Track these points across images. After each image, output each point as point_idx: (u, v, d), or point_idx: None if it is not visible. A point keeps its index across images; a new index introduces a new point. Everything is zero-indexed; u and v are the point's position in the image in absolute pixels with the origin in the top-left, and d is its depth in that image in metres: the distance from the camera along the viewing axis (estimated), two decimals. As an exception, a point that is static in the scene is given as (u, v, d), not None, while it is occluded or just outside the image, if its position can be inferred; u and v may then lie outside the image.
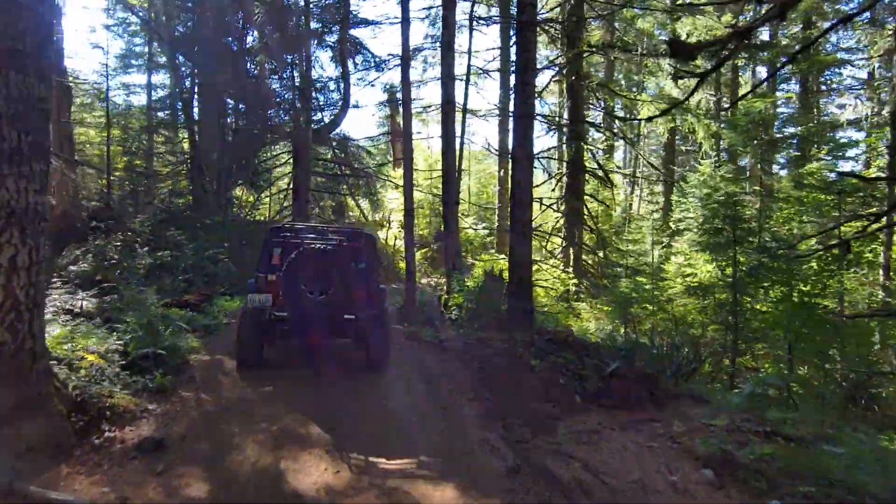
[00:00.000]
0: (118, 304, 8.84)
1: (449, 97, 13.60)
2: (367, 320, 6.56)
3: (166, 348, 6.16)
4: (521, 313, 9.46)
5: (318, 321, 6.38)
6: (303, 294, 6.29)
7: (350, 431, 5.06)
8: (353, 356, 7.48)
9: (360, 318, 6.46)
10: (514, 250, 9.70)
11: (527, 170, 9.75)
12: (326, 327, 6.52)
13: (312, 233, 7.22)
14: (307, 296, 6.31)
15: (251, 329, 6.45)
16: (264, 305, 6.43)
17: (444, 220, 13.84)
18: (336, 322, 6.41)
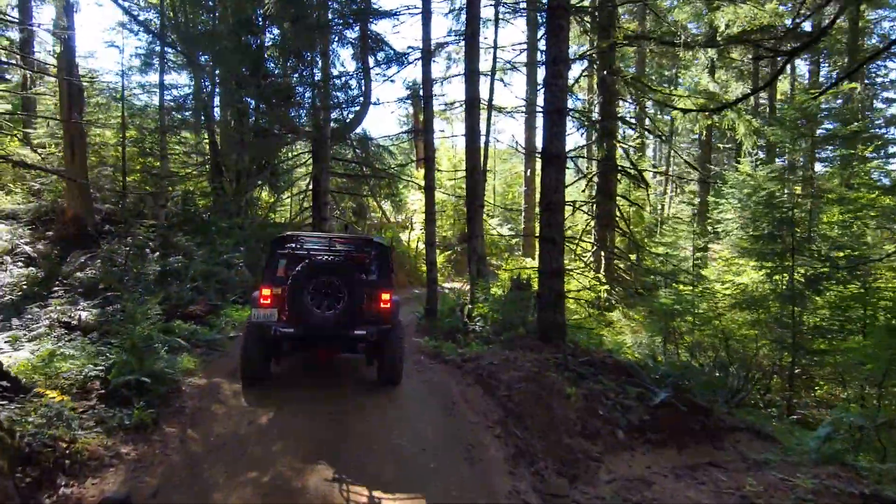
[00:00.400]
0: (118, 315, 8.21)
1: (474, 93, 12.71)
2: (379, 336, 6.05)
3: (153, 374, 5.42)
4: (551, 328, 8.53)
5: (327, 338, 5.97)
6: (310, 309, 5.81)
7: (355, 476, 4.24)
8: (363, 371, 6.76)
9: (372, 335, 5.95)
10: (544, 258, 8.76)
11: (558, 170, 8.81)
12: (335, 344, 6.16)
13: (320, 243, 6.76)
14: (315, 311, 5.83)
15: (256, 344, 6.01)
16: (269, 320, 5.95)
17: (468, 223, 12.96)
18: (346, 339, 5.95)
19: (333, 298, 5.93)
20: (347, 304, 5.86)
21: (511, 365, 7.11)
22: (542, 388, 6.39)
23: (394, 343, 6.31)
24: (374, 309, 6.24)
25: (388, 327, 6.21)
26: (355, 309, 5.89)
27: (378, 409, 5.76)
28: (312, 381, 6.53)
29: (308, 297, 5.86)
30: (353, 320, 5.89)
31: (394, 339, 6.30)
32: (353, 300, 5.87)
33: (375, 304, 6.26)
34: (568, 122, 18.60)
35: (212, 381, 6.29)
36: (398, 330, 6.43)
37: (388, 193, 18.56)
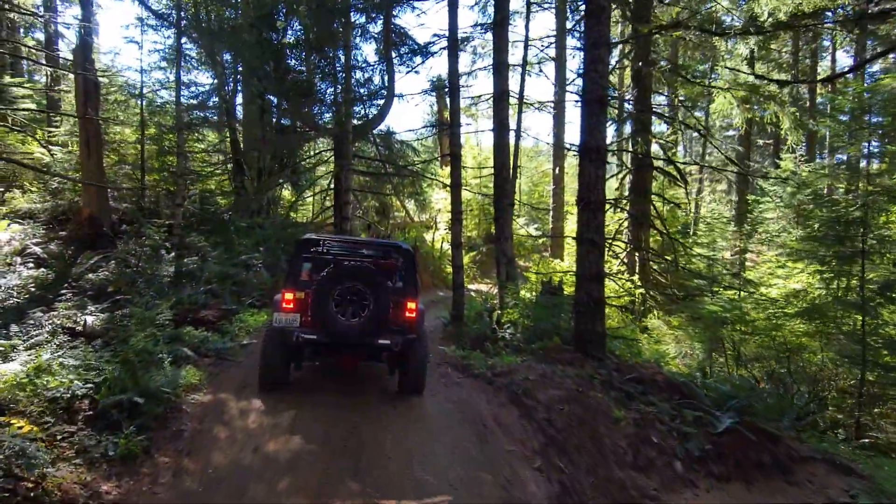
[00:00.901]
0: (125, 321, 7.65)
1: (502, 86, 11.92)
2: (404, 346, 5.76)
3: (147, 392, 4.78)
4: (590, 338, 7.70)
5: (351, 346, 5.70)
6: (334, 316, 5.57)
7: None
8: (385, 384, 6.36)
9: (397, 344, 5.66)
10: (582, 261, 7.94)
11: (598, 165, 7.97)
12: (359, 352, 5.94)
13: (345, 247, 6.61)
14: (339, 318, 5.58)
15: (276, 350, 5.76)
16: (291, 325, 5.68)
17: (496, 223, 12.17)
18: (370, 347, 5.69)
19: (359, 306, 5.68)
20: (373, 313, 5.61)
21: (549, 381, 6.32)
22: (586, 410, 5.59)
23: (418, 353, 6.00)
24: (400, 318, 5.92)
25: (413, 337, 5.87)
26: (381, 317, 5.62)
27: (400, 435, 5.04)
28: (328, 400, 5.82)
29: (333, 304, 5.61)
30: (378, 329, 5.62)
31: (418, 349, 5.99)
32: (379, 308, 5.61)
33: (401, 312, 5.94)
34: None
35: (217, 398, 5.63)
36: (423, 340, 6.11)
37: (411, 192, 17.87)
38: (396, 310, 5.90)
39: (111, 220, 11.88)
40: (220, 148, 19.10)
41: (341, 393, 6.08)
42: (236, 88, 19.43)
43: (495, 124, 12.11)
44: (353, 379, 6.68)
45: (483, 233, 22.21)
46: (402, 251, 6.53)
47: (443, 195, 21.31)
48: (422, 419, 5.47)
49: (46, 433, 4.00)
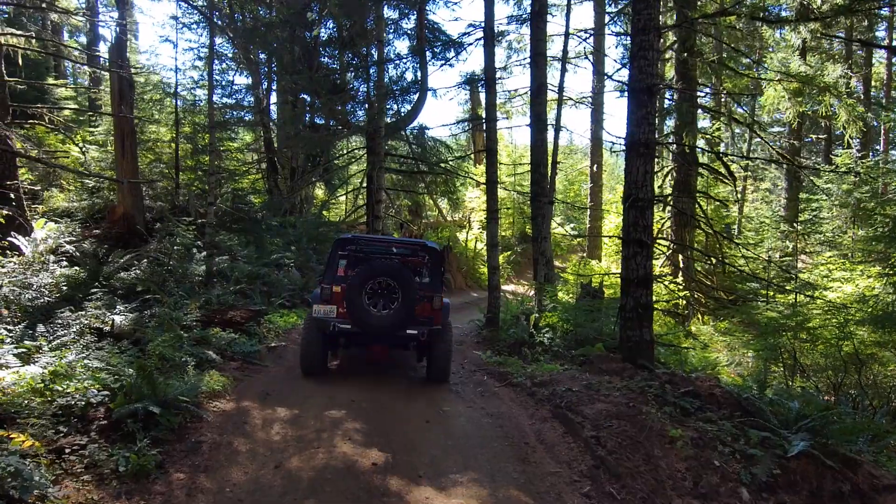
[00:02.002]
0: (152, 321, 7.44)
1: (541, 78, 11.36)
2: (430, 336, 6.31)
3: (165, 402, 4.45)
4: (637, 346, 7.12)
5: (381, 336, 6.26)
6: (367, 308, 6.11)
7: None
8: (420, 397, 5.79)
9: (423, 334, 6.22)
10: (628, 263, 7.35)
11: (646, 160, 7.37)
12: (388, 341, 6.48)
13: (378, 245, 7.03)
14: (371, 310, 6.12)
15: (315, 338, 6.34)
16: (328, 316, 6.25)
17: (533, 222, 11.63)
18: (399, 337, 6.26)
19: (388, 299, 6.19)
20: (402, 305, 6.09)
21: (595, 394, 5.78)
22: (638, 427, 5.03)
23: (443, 343, 6.49)
24: (426, 310, 6.40)
25: (438, 328, 6.37)
26: (409, 309, 6.10)
27: (435, 456, 4.58)
28: (356, 412, 5.42)
29: (365, 297, 6.12)
30: (406, 320, 6.12)
31: (443, 339, 6.48)
32: (406, 301, 6.09)
33: (427, 305, 6.42)
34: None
35: (240, 406, 5.29)
36: (447, 331, 6.58)
37: (444, 190, 17.42)
38: (423, 303, 6.36)
39: (145, 219, 11.81)
40: (254, 147, 19.09)
41: (372, 404, 5.68)
42: (270, 88, 19.41)
43: (532, 119, 11.57)
44: (385, 389, 6.28)
45: (518, 232, 21.64)
46: (429, 249, 6.94)
47: (476, 193, 20.82)
48: (458, 436, 5.01)
49: (55, 445, 3.70)
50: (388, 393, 6.10)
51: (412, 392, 6.21)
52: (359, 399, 5.74)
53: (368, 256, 6.62)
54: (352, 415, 5.27)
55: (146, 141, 13.65)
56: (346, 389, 6.09)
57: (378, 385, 6.38)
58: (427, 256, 6.89)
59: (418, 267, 6.88)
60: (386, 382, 6.53)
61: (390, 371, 7.09)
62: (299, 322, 9.23)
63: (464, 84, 10.31)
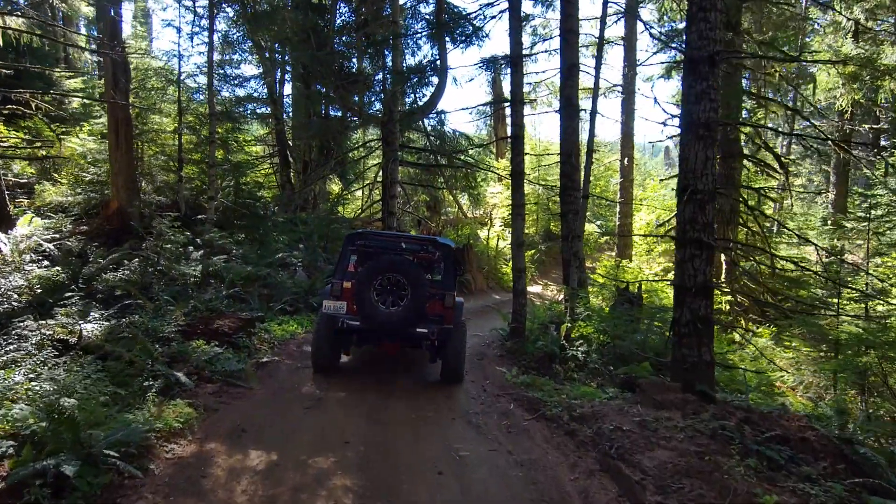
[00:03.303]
0: (127, 332, 6.37)
1: (572, 58, 10.06)
2: (441, 336, 6.03)
3: (91, 455, 3.32)
4: (695, 369, 5.82)
5: (390, 332, 6.04)
6: (375, 305, 5.91)
7: None
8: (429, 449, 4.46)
9: (433, 333, 5.96)
10: (683, 267, 6.04)
11: (707, 144, 6.03)
12: (398, 339, 6.23)
13: (388, 241, 6.74)
14: (379, 307, 5.91)
15: (326, 334, 6.15)
16: (338, 312, 6.10)
17: (562, 218, 10.34)
18: (408, 335, 6.01)
19: (398, 296, 5.98)
20: (410, 303, 5.88)
21: (653, 435, 4.49)
22: (717, 490, 3.75)
23: (455, 343, 6.21)
24: (437, 309, 6.19)
25: (449, 327, 6.10)
26: (418, 307, 5.89)
27: None
28: (350, 458, 4.24)
29: (374, 294, 5.94)
30: (415, 318, 5.91)
31: (456, 339, 6.20)
32: (416, 299, 5.88)
33: (439, 304, 6.20)
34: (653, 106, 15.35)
35: (204, 449, 4.15)
36: (460, 331, 6.31)
37: (465, 185, 16.16)
38: (434, 301, 6.14)
39: (141, 215, 10.81)
40: (264, 138, 18.07)
41: (370, 447, 4.49)
42: (284, 78, 18.36)
43: (562, 103, 10.27)
44: (387, 421, 5.10)
45: (542, 230, 20.29)
46: (441, 246, 6.65)
47: (498, 189, 19.51)
48: (478, 496, 3.78)
49: None
50: (391, 427, 4.90)
51: (421, 426, 5.00)
52: (355, 438, 4.55)
53: (378, 252, 6.36)
54: (344, 463, 4.09)
55: (147, 132, 12.67)
56: (341, 421, 4.92)
57: (379, 414, 5.19)
58: (439, 253, 6.61)
59: (430, 264, 6.63)
60: (389, 410, 5.34)
61: (395, 394, 5.90)
62: (300, 331, 8.10)
63: (487, 63, 9.03)
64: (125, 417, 4.18)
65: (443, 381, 6.36)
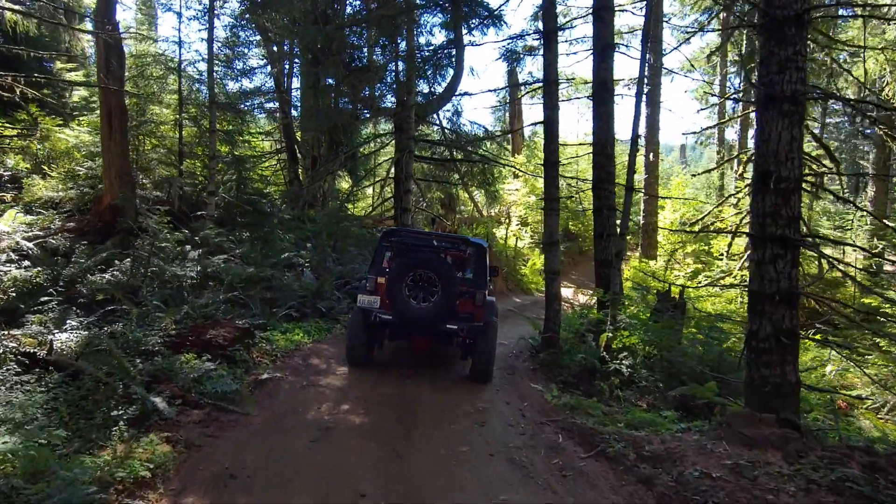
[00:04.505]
0: (104, 343, 5.41)
1: (606, 37, 9.02)
2: (470, 333, 6.06)
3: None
4: (779, 392, 4.76)
5: (421, 328, 6.09)
6: (406, 300, 5.96)
7: None
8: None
9: (462, 330, 6.02)
10: (762, 271, 4.98)
11: (793, 120, 4.98)
12: (429, 334, 6.27)
13: (421, 239, 6.74)
14: (410, 302, 5.97)
15: (359, 328, 6.20)
16: (371, 306, 6.17)
17: (595, 215, 9.29)
18: (438, 330, 6.05)
19: (429, 292, 6.01)
20: (441, 299, 5.91)
21: (753, 486, 3.45)
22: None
23: (486, 341, 6.13)
24: (468, 306, 6.22)
25: (479, 325, 6.11)
26: (449, 304, 5.92)
27: None
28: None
29: (405, 289, 5.98)
30: (446, 315, 5.94)
31: (486, 337, 6.12)
32: (446, 295, 5.91)
33: (469, 301, 6.24)
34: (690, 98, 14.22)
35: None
36: (491, 330, 6.20)
37: (481, 181, 15.13)
38: (465, 299, 6.20)
39: (137, 211, 9.85)
40: (271, 133, 17.15)
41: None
42: (292, 71, 17.41)
43: (595, 87, 9.23)
44: (412, 459, 4.09)
45: (560, 228, 19.16)
46: (473, 245, 6.71)
47: (516, 185, 18.49)
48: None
49: None
50: (416, 469, 3.89)
51: (454, 467, 3.98)
52: (372, 487, 3.55)
53: (411, 249, 6.33)
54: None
55: (146, 122, 11.75)
56: (354, 460, 3.92)
57: (400, 450, 4.18)
58: (471, 251, 6.65)
59: (462, 262, 6.66)
60: (413, 444, 4.33)
61: (419, 420, 4.89)
62: (306, 340, 7.12)
63: (515, 39, 8.00)
64: (78, 463, 3.21)
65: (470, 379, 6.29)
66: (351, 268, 10.55)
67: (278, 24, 14.21)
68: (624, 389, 6.52)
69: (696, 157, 44.49)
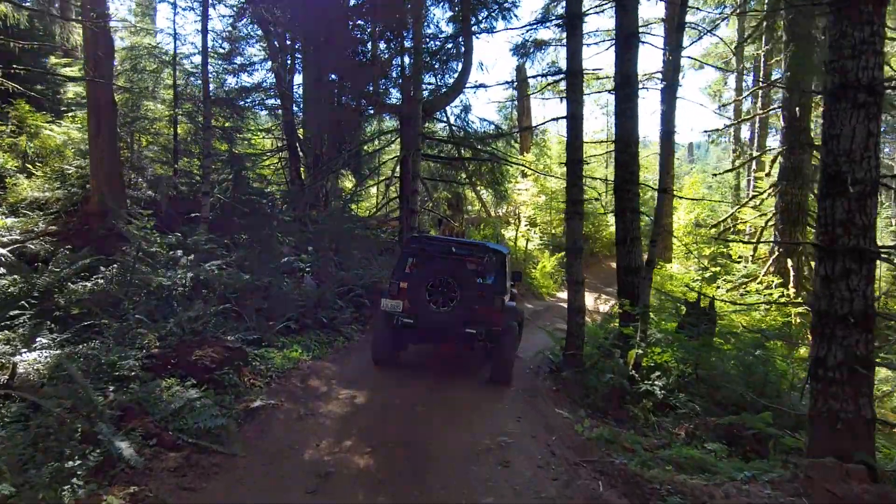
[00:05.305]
0: (78, 364, 4.73)
1: (630, 26, 8.28)
2: (489, 337, 6.16)
3: None
4: (852, 428, 4.05)
5: (441, 332, 6.26)
6: (427, 305, 6.15)
7: None
8: None
9: (481, 334, 6.12)
10: (831, 288, 4.25)
11: (869, 113, 4.24)
12: (449, 338, 6.39)
13: (443, 245, 6.80)
14: (431, 307, 6.16)
15: (384, 331, 6.36)
16: (394, 310, 6.29)
17: (618, 219, 8.52)
18: (458, 334, 6.17)
19: (448, 297, 6.19)
20: (460, 304, 6.11)
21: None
22: None
23: (505, 346, 6.22)
24: (487, 311, 6.22)
25: (497, 329, 6.17)
26: (467, 309, 6.09)
27: None
28: None
29: (426, 294, 6.18)
30: (464, 319, 6.10)
31: (505, 342, 6.22)
32: (465, 300, 6.10)
33: (489, 306, 6.24)
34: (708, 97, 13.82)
35: None
36: (509, 333, 6.29)
37: (490, 180, 14.41)
38: (484, 304, 6.22)
39: (126, 213, 9.16)
40: (271, 131, 16.45)
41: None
42: (294, 67, 16.69)
43: (617, 81, 8.46)
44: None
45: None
46: (493, 251, 6.79)
47: (527, 185, 17.74)
48: None
49: None
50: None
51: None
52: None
53: (432, 256, 6.51)
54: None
55: (138, 119, 11.07)
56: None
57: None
58: (490, 258, 6.71)
59: (480, 268, 6.69)
60: (430, 496, 3.63)
61: (433, 462, 4.19)
62: (306, 357, 6.43)
63: (535, 26, 7.27)
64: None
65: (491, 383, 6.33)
66: (355, 273, 9.85)
67: (279, 17, 13.53)
68: (658, 414, 5.83)
69: (702, 156, 43.65)
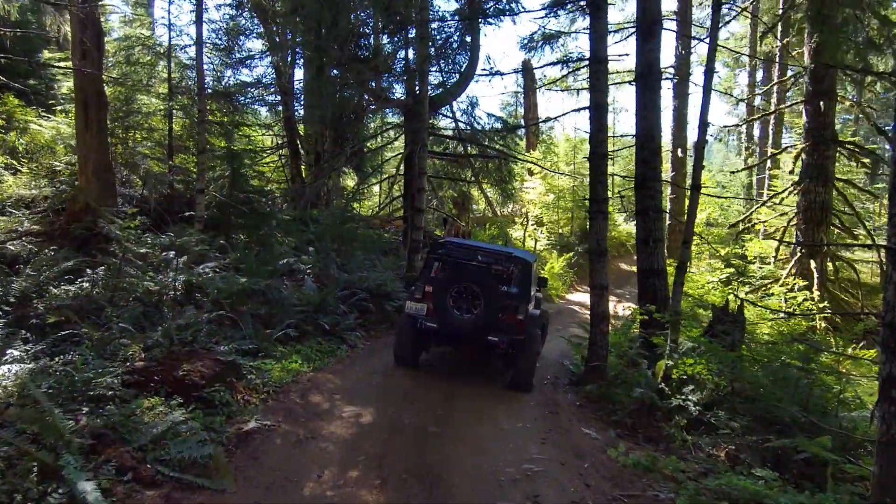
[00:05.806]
0: (58, 378, 4.18)
1: (653, 12, 7.69)
2: (511, 346, 6.12)
3: None
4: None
5: (463, 337, 6.28)
6: (450, 310, 6.14)
7: None
8: None
9: (503, 342, 6.09)
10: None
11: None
12: (471, 345, 6.50)
13: (468, 252, 6.96)
14: (454, 313, 6.14)
15: (407, 333, 6.40)
16: (418, 314, 6.31)
17: (638, 218, 7.94)
18: (481, 341, 6.16)
19: (472, 304, 6.14)
20: (483, 311, 6.04)
21: None
22: None
23: (527, 354, 6.18)
24: (510, 319, 6.18)
25: (520, 338, 6.12)
26: (490, 316, 6.03)
27: None
28: None
29: (450, 300, 6.15)
30: (487, 326, 6.04)
31: (527, 350, 6.18)
32: (488, 308, 6.02)
33: (512, 315, 6.19)
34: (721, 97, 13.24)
35: None
36: (533, 342, 6.26)
37: (497, 178, 13.85)
38: (507, 312, 6.19)
39: (116, 213, 8.58)
40: (271, 127, 15.90)
41: None
42: (294, 61, 16.12)
43: (639, 71, 7.87)
44: None
45: (577, 229, 17.88)
46: (517, 259, 6.83)
47: (535, 183, 17.18)
48: None
49: None
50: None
51: None
52: None
53: (457, 262, 6.54)
54: None
55: (132, 113, 10.51)
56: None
57: None
58: (514, 266, 6.76)
59: (504, 276, 6.69)
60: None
61: (451, 496, 3.63)
62: (306, 369, 5.86)
63: (554, 9, 6.71)
64: None
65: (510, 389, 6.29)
66: (358, 275, 9.30)
67: (279, 9, 12.97)
68: (692, 432, 5.27)
69: (709, 154, 43.09)
